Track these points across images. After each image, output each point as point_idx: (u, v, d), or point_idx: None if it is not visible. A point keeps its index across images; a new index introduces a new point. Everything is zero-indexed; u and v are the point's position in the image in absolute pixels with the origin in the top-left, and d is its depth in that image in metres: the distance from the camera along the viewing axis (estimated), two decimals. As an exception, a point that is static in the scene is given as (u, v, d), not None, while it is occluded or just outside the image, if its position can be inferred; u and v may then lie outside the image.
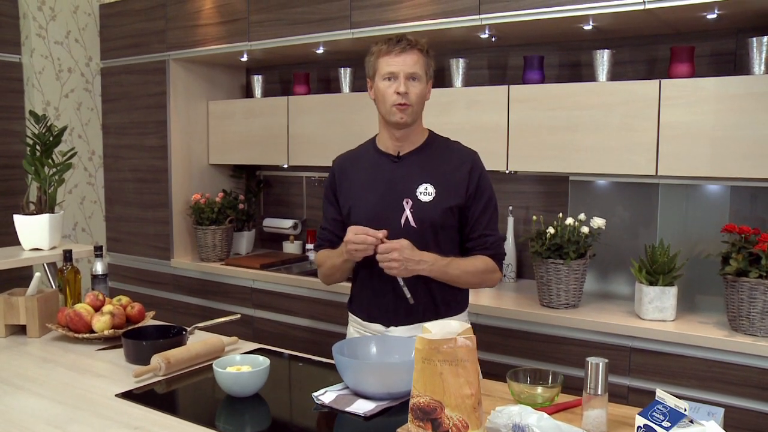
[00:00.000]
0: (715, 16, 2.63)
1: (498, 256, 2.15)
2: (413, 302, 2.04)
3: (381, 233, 1.97)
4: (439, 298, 2.13)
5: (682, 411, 1.22)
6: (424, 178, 2.10)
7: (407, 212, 2.08)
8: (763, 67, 2.61)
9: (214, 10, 3.87)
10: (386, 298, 2.12)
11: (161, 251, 4.22)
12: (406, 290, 2.02)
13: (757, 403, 2.42)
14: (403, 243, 1.98)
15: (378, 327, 2.15)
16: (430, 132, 2.21)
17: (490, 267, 2.13)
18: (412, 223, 2.07)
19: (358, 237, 1.98)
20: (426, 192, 2.08)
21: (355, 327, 2.25)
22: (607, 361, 1.51)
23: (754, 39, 2.61)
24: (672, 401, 1.24)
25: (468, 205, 2.11)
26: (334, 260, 2.19)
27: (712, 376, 2.51)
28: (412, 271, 2.00)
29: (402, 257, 1.96)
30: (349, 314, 2.30)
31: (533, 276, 3.12)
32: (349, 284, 2.31)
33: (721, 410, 1.47)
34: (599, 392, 1.49)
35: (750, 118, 2.55)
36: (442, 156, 2.15)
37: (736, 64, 2.87)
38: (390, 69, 2.06)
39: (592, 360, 1.49)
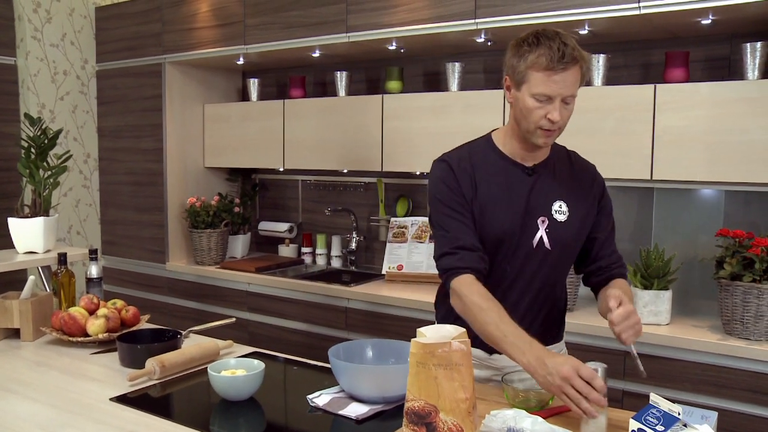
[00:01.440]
0: (709, 21, 2.64)
1: (625, 276, 1.98)
2: (645, 376, 1.66)
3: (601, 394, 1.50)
4: (554, 324, 1.97)
5: (676, 415, 1.22)
6: (558, 195, 1.88)
7: (542, 232, 1.85)
8: (757, 73, 2.62)
9: (210, 14, 3.87)
10: None
11: (156, 254, 4.21)
12: (639, 362, 1.64)
13: (751, 407, 2.43)
14: (630, 307, 1.66)
15: (478, 353, 1.91)
16: None
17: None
18: (547, 245, 1.85)
19: (593, 394, 1.47)
20: (560, 210, 1.87)
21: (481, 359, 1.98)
22: (605, 366, 1.50)
23: (748, 44, 2.62)
24: (665, 405, 1.25)
25: (598, 223, 1.94)
26: (496, 330, 1.67)
27: (706, 380, 2.51)
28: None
29: (639, 318, 1.66)
30: None
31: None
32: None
33: (715, 414, 1.48)
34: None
35: (744, 123, 2.56)
36: (569, 170, 1.94)
37: (731, 70, 2.88)
38: (545, 91, 1.72)
39: (590, 365, 1.48)
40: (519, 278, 1.88)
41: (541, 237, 1.84)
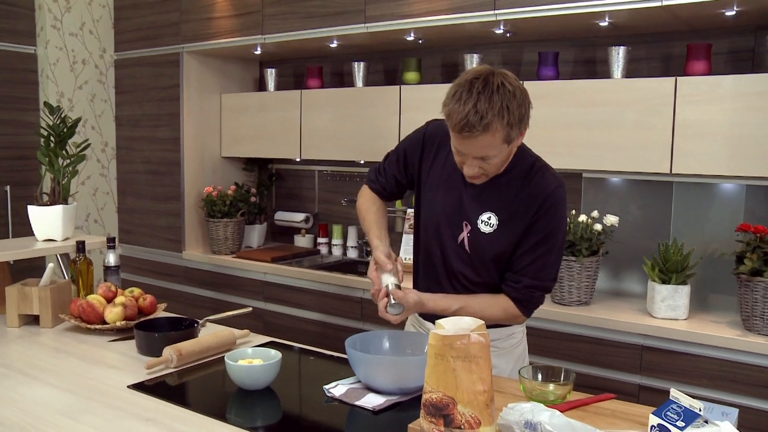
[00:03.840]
0: (733, 12, 2.60)
1: (522, 302, 1.93)
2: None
3: (384, 289, 1.89)
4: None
5: (697, 411, 1.21)
6: (490, 206, 1.90)
7: (464, 235, 1.93)
8: (781, 65, 2.58)
9: (228, 3, 3.87)
10: None
11: (173, 243, 4.23)
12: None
13: (770, 404, 2.41)
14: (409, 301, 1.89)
15: (429, 325, 2.05)
16: (517, 152, 1.90)
17: (508, 314, 1.94)
18: (467, 248, 1.94)
19: (374, 288, 1.93)
20: (488, 222, 1.90)
21: (412, 322, 2.19)
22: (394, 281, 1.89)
23: (773, 36, 2.58)
24: (686, 401, 1.23)
25: (521, 239, 1.89)
26: (365, 224, 2.12)
27: (724, 376, 2.49)
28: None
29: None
30: None
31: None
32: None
33: (736, 411, 1.46)
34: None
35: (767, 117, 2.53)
36: (518, 186, 1.89)
37: (755, 62, 2.84)
38: (456, 146, 1.79)
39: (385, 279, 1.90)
40: (444, 263, 2.00)
41: (463, 239, 1.94)
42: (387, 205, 2.23)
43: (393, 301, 1.87)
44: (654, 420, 1.26)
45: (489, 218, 1.90)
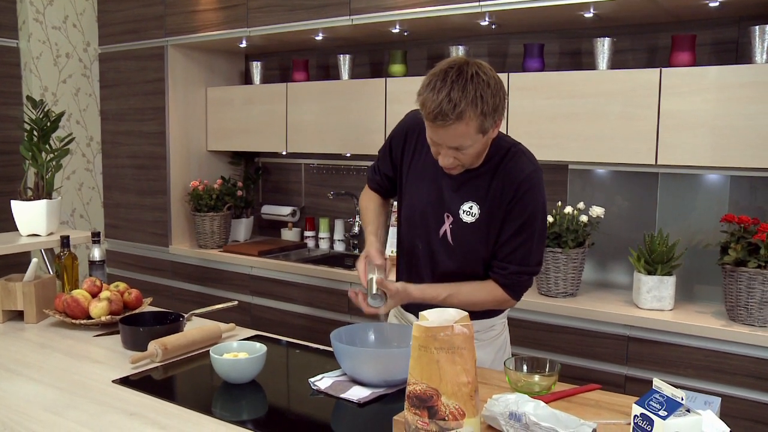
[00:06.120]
0: (717, 4, 2.61)
1: (510, 287, 1.92)
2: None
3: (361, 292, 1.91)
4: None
5: (679, 400, 1.21)
6: (471, 196, 1.89)
7: (446, 227, 1.92)
8: (765, 56, 2.59)
9: (213, -4, 3.85)
10: None
11: (159, 238, 4.21)
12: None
13: (754, 393, 2.42)
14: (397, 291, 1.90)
15: (411, 317, 2.06)
16: (493, 142, 1.87)
17: (497, 299, 1.94)
18: (450, 240, 1.93)
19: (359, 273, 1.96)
20: (469, 212, 1.89)
21: (395, 314, 2.20)
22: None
23: (757, 27, 2.59)
24: (669, 390, 1.24)
25: (501, 226, 1.89)
26: (363, 222, 2.16)
27: (709, 366, 2.51)
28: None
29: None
30: None
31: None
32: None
33: (718, 399, 1.47)
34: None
35: (751, 107, 2.54)
36: (497, 173, 1.87)
37: (738, 53, 2.86)
38: (430, 136, 1.77)
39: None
40: (427, 256, 1.99)
41: (446, 231, 1.93)
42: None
43: (374, 292, 1.86)
44: (637, 410, 1.26)
45: (471, 207, 1.89)
